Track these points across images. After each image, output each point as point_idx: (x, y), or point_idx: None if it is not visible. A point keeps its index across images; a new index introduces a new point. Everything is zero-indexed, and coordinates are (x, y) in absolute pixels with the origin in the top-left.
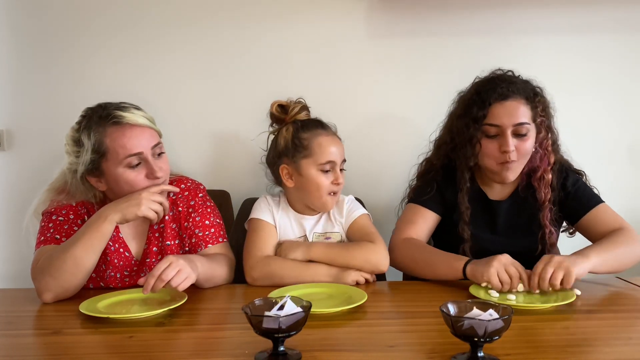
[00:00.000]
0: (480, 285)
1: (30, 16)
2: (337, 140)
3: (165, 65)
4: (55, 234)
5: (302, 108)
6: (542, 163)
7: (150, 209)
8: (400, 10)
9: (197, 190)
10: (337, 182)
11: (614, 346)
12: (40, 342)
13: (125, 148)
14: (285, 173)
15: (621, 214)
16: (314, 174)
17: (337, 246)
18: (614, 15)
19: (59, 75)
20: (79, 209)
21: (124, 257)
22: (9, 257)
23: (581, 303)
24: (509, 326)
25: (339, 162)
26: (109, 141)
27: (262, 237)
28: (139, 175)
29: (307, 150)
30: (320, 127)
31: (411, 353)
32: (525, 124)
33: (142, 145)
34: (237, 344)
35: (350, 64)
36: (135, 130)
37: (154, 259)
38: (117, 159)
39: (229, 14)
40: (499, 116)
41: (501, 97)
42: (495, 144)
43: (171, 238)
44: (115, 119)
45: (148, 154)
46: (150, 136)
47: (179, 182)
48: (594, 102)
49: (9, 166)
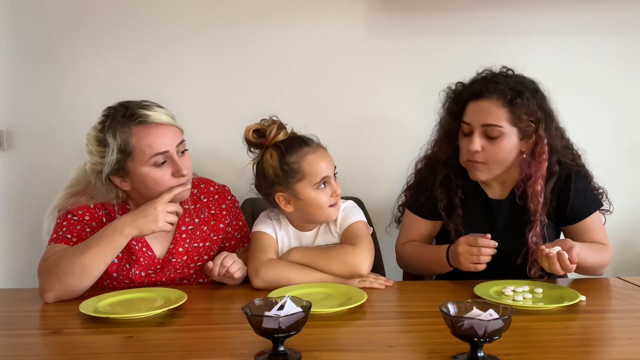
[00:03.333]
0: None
1: (31, 16)
2: (324, 153)
3: (166, 65)
4: (67, 233)
5: (278, 128)
6: (534, 173)
7: (167, 222)
8: (400, 11)
9: (225, 193)
10: (335, 194)
11: (614, 346)
12: (41, 342)
13: (152, 147)
14: (282, 200)
15: (621, 214)
16: (312, 194)
17: (316, 249)
18: (614, 15)
19: (59, 76)
20: (97, 211)
21: (147, 256)
22: (9, 257)
23: (581, 303)
24: (509, 326)
25: (332, 174)
26: (135, 140)
27: (265, 245)
28: (165, 174)
29: (299, 174)
30: (305, 145)
31: (411, 353)
32: (495, 126)
33: (167, 143)
34: (237, 344)
35: (349, 64)
36: (160, 129)
37: (179, 259)
38: (143, 158)
39: (227, 13)
40: (470, 114)
41: (475, 95)
42: (467, 141)
43: (200, 240)
44: (141, 118)
45: (173, 152)
46: (174, 134)
47: (207, 184)
48: (594, 102)
49: (9, 166)
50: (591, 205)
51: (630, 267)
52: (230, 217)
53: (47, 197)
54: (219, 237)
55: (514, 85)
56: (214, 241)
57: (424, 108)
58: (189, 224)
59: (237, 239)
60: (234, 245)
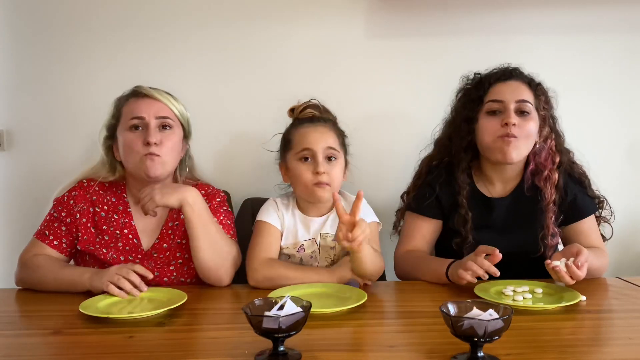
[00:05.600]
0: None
1: (31, 16)
2: (323, 130)
3: (166, 65)
4: (46, 229)
5: (305, 107)
6: (547, 162)
7: (112, 284)
8: (400, 10)
9: (216, 196)
10: (317, 172)
11: (614, 346)
12: (41, 342)
13: (132, 112)
14: (282, 170)
15: (621, 214)
16: (295, 166)
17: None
18: (614, 15)
19: (59, 76)
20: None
21: (133, 244)
22: (9, 257)
23: (581, 303)
24: (509, 326)
25: (318, 150)
26: (124, 107)
27: (266, 240)
28: (136, 139)
29: (290, 144)
30: (309, 121)
31: (411, 353)
32: (528, 103)
33: (146, 111)
34: (237, 344)
35: (349, 63)
36: (146, 99)
37: (161, 255)
38: (125, 122)
39: (227, 13)
40: (502, 92)
41: (504, 76)
42: (497, 119)
43: (184, 237)
44: (138, 90)
45: (150, 121)
46: (158, 107)
47: (200, 187)
48: (594, 102)
49: (9, 166)
50: (589, 207)
51: (630, 267)
52: (216, 216)
53: (47, 197)
54: None
55: (532, 77)
56: None
57: (424, 107)
58: (175, 220)
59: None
60: None
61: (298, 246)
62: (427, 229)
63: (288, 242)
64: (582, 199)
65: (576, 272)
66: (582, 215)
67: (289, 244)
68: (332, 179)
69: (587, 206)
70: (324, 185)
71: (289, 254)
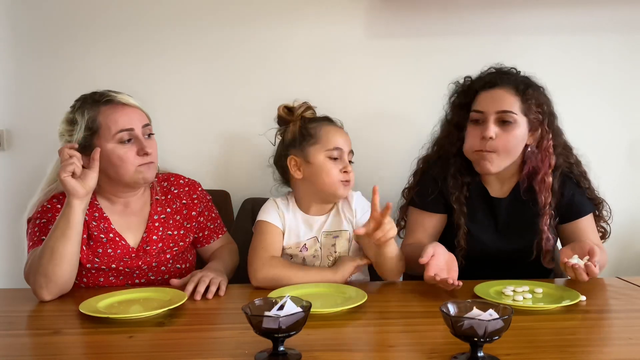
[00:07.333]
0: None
1: (31, 16)
2: (344, 133)
3: (166, 65)
4: (42, 236)
5: (307, 108)
6: (543, 165)
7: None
8: (400, 10)
9: (196, 185)
10: (345, 169)
11: (614, 346)
12: (40, 342)
13: (117, 123)
14: (293, 164)
15: (621, 214)
16: (322, 160)
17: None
18: (614, 15)
19: (59, 76)
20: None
21: (122, 245)
22: (8, 257)
23: (581, 303)
24: (509, 326)
25: (346, 150)
26: (102, 118)
27: (267, 240)
28: (129, 151)
29: (314, 138)
30: (327, 120)
31: (411, 353)
32: (510, 113)
33: (133, 122)
34: (237, 344)
35: (349, 63)
36: (126, 109)
37: (155, 247)
38: (109, 134)
39: (227, 13)
40: (484, 103)
41: (488, 85)
42: (478, 130)
43: (174, 228)
44: (108, 98)
45: (139, 132)
46: (140, 116)
47: (176, 177)
48: (594, 102)
49: (9, 166)
50: (586, 206)
51: (630, 267)
52: (202, 207)
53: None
54: (192, 225)
55: (523, 79)
56: (188, 229)
57: (424, 107)
58: (160, 213)
59: (211, 229)
60: (208, 235)
61: (301, 246)
62: (431, 223)
63: (290, 242)
64: (579, 199)
65: (594, 271)
66: (579, 214)
67: (291, 244)
68: (352, 179)
69: (584, 205)
70: (349, 185)
71: (292, 254)
